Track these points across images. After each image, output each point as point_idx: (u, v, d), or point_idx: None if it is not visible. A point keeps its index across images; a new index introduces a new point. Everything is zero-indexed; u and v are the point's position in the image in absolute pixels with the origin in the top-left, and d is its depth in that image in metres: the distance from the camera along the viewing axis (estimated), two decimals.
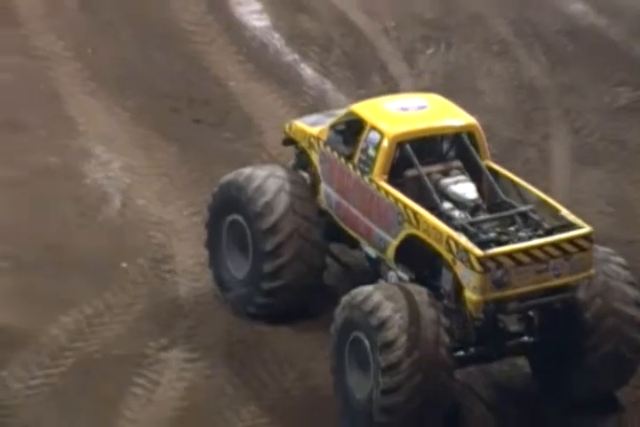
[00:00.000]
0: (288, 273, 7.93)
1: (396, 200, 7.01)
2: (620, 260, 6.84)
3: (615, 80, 11.88)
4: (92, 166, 10.06)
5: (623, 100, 11.32)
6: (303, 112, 9.76)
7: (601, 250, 6.76)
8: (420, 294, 6.68)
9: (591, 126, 10.95)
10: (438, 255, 6.89)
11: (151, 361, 7.51)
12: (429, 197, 7.22)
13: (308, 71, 12.05)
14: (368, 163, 7.56)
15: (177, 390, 7.25)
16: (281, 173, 8.17)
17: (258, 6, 13.00)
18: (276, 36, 12.40)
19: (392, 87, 11.64)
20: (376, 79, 11.88)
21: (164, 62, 11.86)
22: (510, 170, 7.64)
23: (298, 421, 7.03)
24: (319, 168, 8.22)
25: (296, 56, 12.14)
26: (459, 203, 7.30)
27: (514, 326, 7.09)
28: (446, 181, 7.39)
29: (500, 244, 6.65)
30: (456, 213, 7.16)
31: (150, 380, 7.26)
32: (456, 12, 13.09)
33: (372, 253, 7.81)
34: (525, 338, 7.20)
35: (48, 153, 10.25)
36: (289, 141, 8.60)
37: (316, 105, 10.76)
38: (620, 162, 10.36)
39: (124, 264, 8.62)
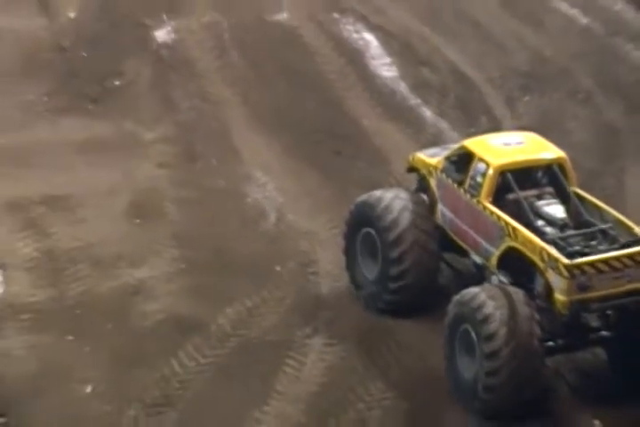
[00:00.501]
0: (409, 276, 8.54)
1: (499, 218, 7.70)
2: None
3: None
4: (253, 188, 11.01)
5: None
6: (423, 146, 10.36)
7: None
8: (517, 294, 7.30)
9: None
10: (533, 263, 7.51)
11: (298, 346, 8.31)
12: (526, 216, 7.82)
13: (427, 113, 12.90)
14: (476, 187, 8.17)
15: (318, 369, 8.04)
16: (404, 195, 8.77)
17: (388, 60, 13.79)
18: (402, 84, 13.24)
19: (496, 126, 12.06)
20: (483, 120, 12.58)
21: (312, 105, 12.81)
22: (592, 195, 8.21)
23: (417, 396, 7.72)
24: (436, 191, 8.76)
25: (418, 101, 12.98)
26: (550, 221, 7.93)
27: (594, 322, 7.70)
28: (540, 203, 8.06)
29: (583, 255, 7.31)
30: (547, 230, 7.79)
31: (297, 361, 8.08)
32: (547, 66, 13.73)
33: (479, 260, 8.42)
34: (604, 332, 7.80)
35: (218, 177, 11.25)
36: (411, 170, 9.35)
37: (434, 140, 11.41)
38: None
39: (278, 267, 9.43)
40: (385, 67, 13.48)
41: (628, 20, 14.50)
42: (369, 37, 14.33)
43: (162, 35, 14.28)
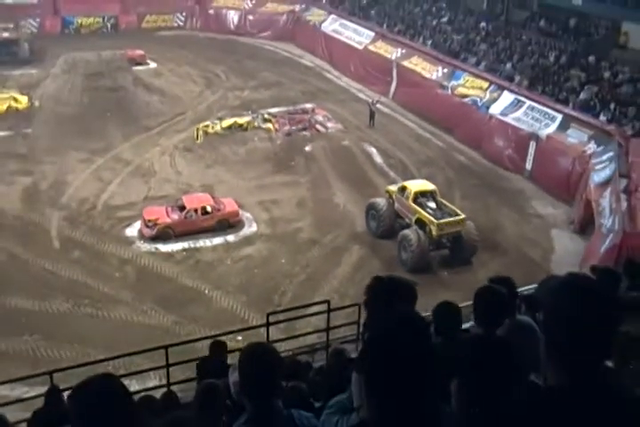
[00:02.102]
0: (385, 227, 21.46)
1: (415, 208, 21.69)
2: None
3: None
4: None
5: None
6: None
7: None
8: (420, 231, 20.46)
9: None
10: (425, 222, 20.97)
11: None
12: (423, 206, 20.96)
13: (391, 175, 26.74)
14: (407, 197, 21.37)
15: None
16: (384, 200, 22.13)
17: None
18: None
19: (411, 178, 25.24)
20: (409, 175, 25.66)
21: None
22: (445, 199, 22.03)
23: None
24: (395, 199, 22.28)
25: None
26: (430, 208, 20.90)
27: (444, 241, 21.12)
28: (428, 202, 21.45)
29: (439, 219, 20.25)
30: (429, 211, 20.59)
31: None
32: None
33: (407, 221, 20.86)
34: (446, 244, 20.32)
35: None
36: (386, 192, 23.12)
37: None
38: None
39: None
40: None
41: None
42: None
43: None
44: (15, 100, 32.69)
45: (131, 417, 2.80)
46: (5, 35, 39.38)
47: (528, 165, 26.26)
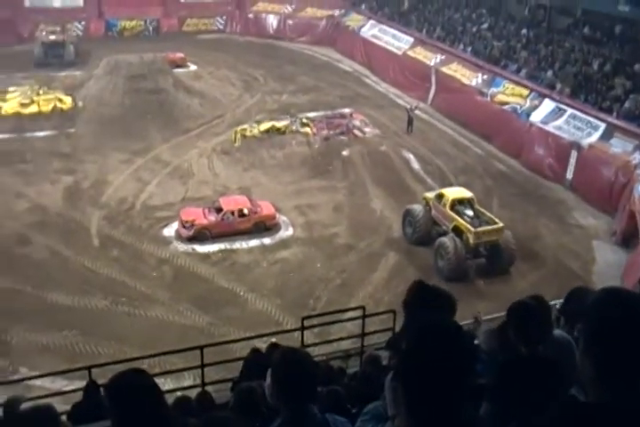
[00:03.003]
0: (422, 233, 21.22)
1: (451, 216, 21.56)
2: None
3: None
4: None
5: None
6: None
7: None
8: (457, 239, 20.73)
9: None
10: (461, 230, 20.54)
11: None
12: (460, 214, 20.55)
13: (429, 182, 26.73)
14: (444, 204, 20.82)
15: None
16: (421, 207, 22.00)
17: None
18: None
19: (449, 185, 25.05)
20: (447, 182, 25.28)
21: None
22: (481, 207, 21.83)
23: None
24: (432, 205, 21.68)
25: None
26: (468, 215, 20.42)
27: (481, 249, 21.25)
28: (465, 210, 20.99)
29: (477, 227, 20.26)
30: (466, 218, 20.34)
31: None
32: None
33: (445, 228, 20.69)
34: (483, 252, 20.21)
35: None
36: (423, 199, 22.27)
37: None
38: None
39: None
40: None
41: None
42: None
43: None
44: (60, 100, 33.34)
45: (159, 409, 3.03)
46: (52, 37, 40.15)
47: (569, 175, 25.88)
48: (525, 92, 29.48)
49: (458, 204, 21.18)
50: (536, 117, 27.91)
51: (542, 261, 21.08)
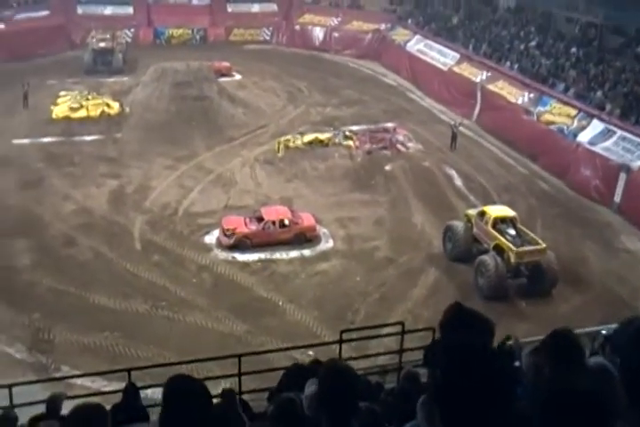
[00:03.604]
0: (461, 250, 21.24)
1: (493, 234, 21.40)
2: None
3: None
4: None
5: None
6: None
7: None
8: (498, 257, 19.95)
9: None
10: (503, 249, 20.57)
11: None
12: (502, 232, 20.68)
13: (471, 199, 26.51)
14: (487, 222, 20.57)
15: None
16: (462, 223, 21.67)
17: None
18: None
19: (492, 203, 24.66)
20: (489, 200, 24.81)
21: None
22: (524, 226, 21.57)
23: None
24: (474, 222, 21.22)
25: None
26: (510, 235, 20.31)
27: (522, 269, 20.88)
28: (508, 229, 21.08)
29: (519, 247, 19.98)
30: (508, 237, 20.14)
31: None
32: None
33: (486, 246, 20.50)
34: (525, 272, 20.08)
35: None
36: (465, 215, 22.28)
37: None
38: None
39: None
40: None
41: None
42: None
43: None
44: (108, 105, 34.01)
45: (208, 415, 3.18)
46: (102, 45, 41.00)
47: (617, 198, 25.41)
48: (573, 111, 29.16)
49: (500, 222, 20.97)
50: (583, 138, 27.55)
51: (587, 286, 20.66)
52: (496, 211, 21.61)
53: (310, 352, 15.60)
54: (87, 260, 21.00)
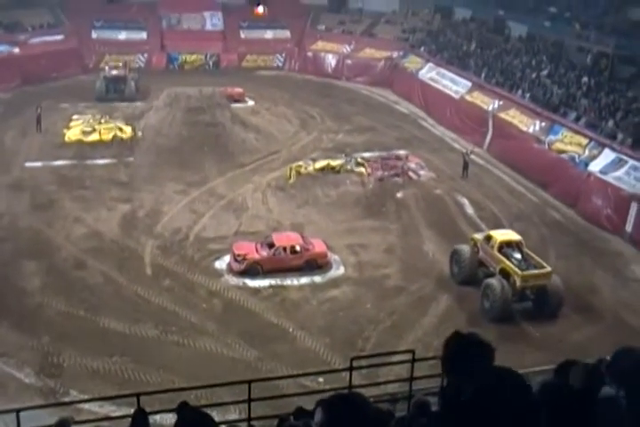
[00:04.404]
0: (467, 274, 21.19)
1: (498, 258, 20.88)
2: None
3: None
4: None
5: None
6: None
7: None
8: (503, 280, 19.71)
9: None
10: (508, 272, 19.79)
11: None
12: (507, 256, 20.18)
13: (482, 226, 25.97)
14: (492, 246, 20.89)
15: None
16: (468, 247, 21.70)
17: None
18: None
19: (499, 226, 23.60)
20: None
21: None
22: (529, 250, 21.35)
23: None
24: (480, 246, 21.13)
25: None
26: (516, 258, 19.96)
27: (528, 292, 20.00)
28: (513, 253, 20.33)
29: (524, 271, 19.61)
30: (514, 261, 19.78)
31: None
32: None
33: (492, 270, 20.21)
34: (530, 296, 19.77)
35: None
36: (471, 240, 22.10)
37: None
38: None
39: None
40: None
41: None
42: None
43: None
44: (120, 129, 34.33)
45: None
46: (115, 72, 41.38)
47: (629, 227, 25.28)
48: (584, 141, 29.17)
49: (506, 246, 21.10)
50: (595, 167, 27.52)
51: (598, 315, 20.48)
52: (502, 235, 21.77)
53: (320, 379, 15.52)
54: (97, 283, 21.00)
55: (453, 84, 39.91)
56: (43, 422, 8.04)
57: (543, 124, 31.98)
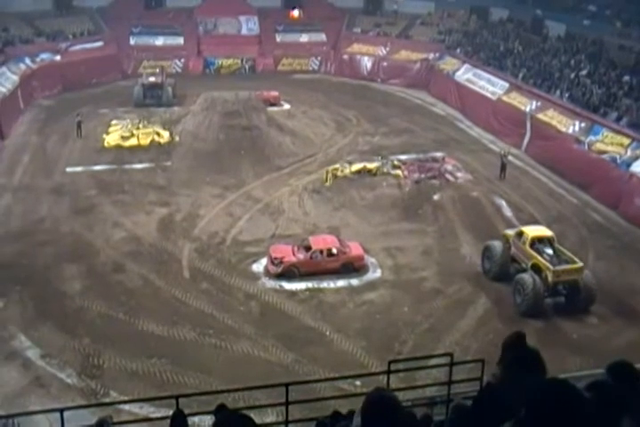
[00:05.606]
0: (499, 269, 21.10)
1: (530, 253, 20.48)
2: None
3: None
4: None
5: None
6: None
7: None
8: (535, 276, 19.33)
9: None
10: (540, 268, 19.57)
11: None
12: (539, 251, 19.76)
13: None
14: (524, 241, 20.14)
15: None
16: (501, 243, 21.37)
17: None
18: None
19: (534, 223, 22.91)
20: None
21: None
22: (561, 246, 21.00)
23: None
24: (512, 242, 20.68)
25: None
26: (548, 254, 19.70)
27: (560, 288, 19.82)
28: (545, 248, 20.00)
29: (556, 266, 19.50)
30: (546, 257, 19.63)
31: None
32: None
33: (524, 265, 19.90)
34: (562, 291, 19.62)
35: None
36: (504, 235, 21.96)
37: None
38: None
39: None
40: None
41: None
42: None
43: None
44: (158, 134, 34.76)
45: None
46: (152, 79, 41.81)
47: None
48: (626, 141, 28.63)
49: (538, 242, 21.06)
50: (637, 168, 26.99)
51: None
52: (533, 231, 21.73)
53: (357, 382, 15.46)
54: (136, 286, 21.26)
55: (490, 85, 39.53)
56: (84, 422, 8.16)
57: (583, 124, 31.46)
